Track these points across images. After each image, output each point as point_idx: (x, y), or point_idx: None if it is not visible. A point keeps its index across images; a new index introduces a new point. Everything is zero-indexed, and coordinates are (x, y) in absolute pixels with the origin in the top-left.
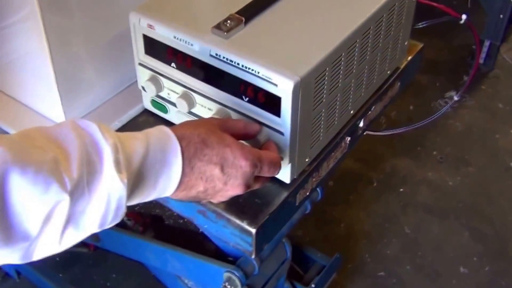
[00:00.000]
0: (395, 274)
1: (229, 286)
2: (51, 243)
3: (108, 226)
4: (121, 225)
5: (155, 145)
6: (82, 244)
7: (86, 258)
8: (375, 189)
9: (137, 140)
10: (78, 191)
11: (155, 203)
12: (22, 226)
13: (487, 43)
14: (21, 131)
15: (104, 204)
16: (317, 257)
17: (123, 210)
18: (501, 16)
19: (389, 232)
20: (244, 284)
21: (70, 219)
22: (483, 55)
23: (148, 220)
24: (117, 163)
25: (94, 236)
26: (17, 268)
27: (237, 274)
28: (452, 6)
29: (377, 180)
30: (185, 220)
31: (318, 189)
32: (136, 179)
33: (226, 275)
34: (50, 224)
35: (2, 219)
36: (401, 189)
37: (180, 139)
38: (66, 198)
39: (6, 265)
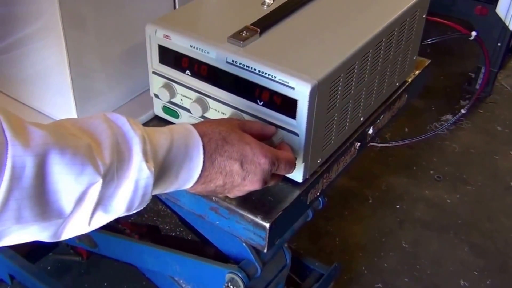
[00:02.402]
0: (392, 286)
1: (231, 287)
2: (81, 223)
3: (134, 211)
4: (117, 231)
5: (178, 140)
6: (75, 252)
7: (78, 266)
8: (371, 206)
9: (162, 134)
10: (109, 176)
11: (151, 215)
12: (58, 204)
13: (484, 70)
14: (53, 122)
15: (131, 190)
16: (315, 266)
17: (149, 197)
18: (499, 44)
19: (386, 246)
20: (246, 284)
21: (100, 202)
22: (480, 81)
23: (144, 230)
24: (144, 153)
25: (91, 242)
26: (11, 273)
27: (240, 275)
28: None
29: (372, 197)
30: (182, 229)
31: (319, 198)
32: (160, 170)
33: (228, 276)
34: (83, 204)
35: (41, 195)
36: (397, 206)
37: (202, 136)
38: (99, 181)
39: (0, 270)
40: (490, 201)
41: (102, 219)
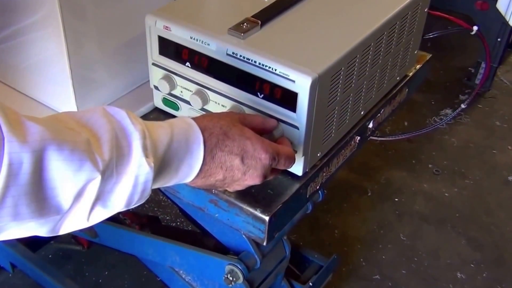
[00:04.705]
0: (390, 278)
1: (231, 278)
2: (79, 218)
3: (133, 206)
4: (118, 222)
5: (179, 134)
6: (76, 241)
7: (79, 255)
8: (370, 198)
9: (162, 129)
10: (108, 172)
11: (152, 205)
12: (56, 200)
13: (484, 65)
14: (51, 116)
15: (131, 186)
16: (314, 258)
17: (148, 192)
18: (499, 39)
19: (384, 238)
20: (246, 276)
21: (99, 198)
22: (479, 76)
23: (145, 220)
24: (144, 148)
25: (92, 232)
26: (13, 261)
27: (239, 266)
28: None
29: (371, 190)
30: (182, 220)
31: (319, 191)
32: (160, 165)
33: (228, 267)
34: (81, 201)
35: (39, 192)
36: (396, 199)
37: (202, 130)
38: (97, 177)
39: (1, 258)
40: (488, 195)
41: (101, 214)
